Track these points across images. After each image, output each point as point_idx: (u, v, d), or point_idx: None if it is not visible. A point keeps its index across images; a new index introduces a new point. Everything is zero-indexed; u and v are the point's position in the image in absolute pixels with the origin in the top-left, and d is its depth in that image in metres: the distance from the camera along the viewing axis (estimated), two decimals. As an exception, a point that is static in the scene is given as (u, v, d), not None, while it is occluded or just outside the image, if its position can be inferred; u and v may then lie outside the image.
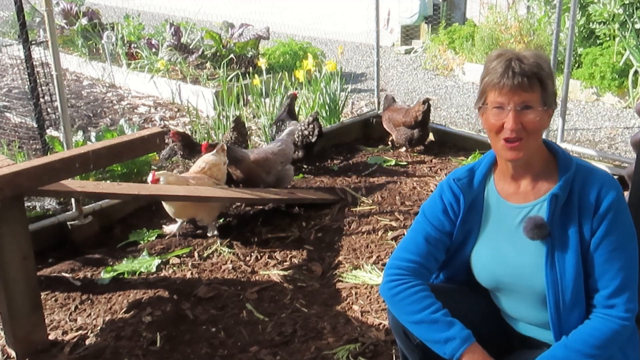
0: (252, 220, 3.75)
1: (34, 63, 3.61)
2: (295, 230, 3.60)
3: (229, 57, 6.68)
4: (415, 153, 4.78)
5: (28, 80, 3.63)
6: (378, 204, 3.84)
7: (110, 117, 5.94)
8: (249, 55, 6.85)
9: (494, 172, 1.84)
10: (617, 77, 5.78)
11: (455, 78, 7.20)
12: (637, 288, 1.67)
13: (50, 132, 4.22)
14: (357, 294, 2.96)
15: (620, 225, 1.65)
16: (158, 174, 3.27)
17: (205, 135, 4.94)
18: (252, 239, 3.53)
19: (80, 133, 4.47)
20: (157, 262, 3.24)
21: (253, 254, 3.37)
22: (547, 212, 1.69)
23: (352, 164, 4.56)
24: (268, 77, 5.90)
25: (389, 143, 4.94)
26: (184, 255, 3.35)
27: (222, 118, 4.99)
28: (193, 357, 2.57)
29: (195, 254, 3.36)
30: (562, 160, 1.73)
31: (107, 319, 2.80)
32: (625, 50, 5.79)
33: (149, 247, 3.44)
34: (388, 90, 5.29)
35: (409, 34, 8.72)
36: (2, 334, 2.66)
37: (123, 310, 2.86)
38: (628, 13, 5.83)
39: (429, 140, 4.93)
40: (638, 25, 5.81)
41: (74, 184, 2.99)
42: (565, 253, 1.67)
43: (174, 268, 3.22)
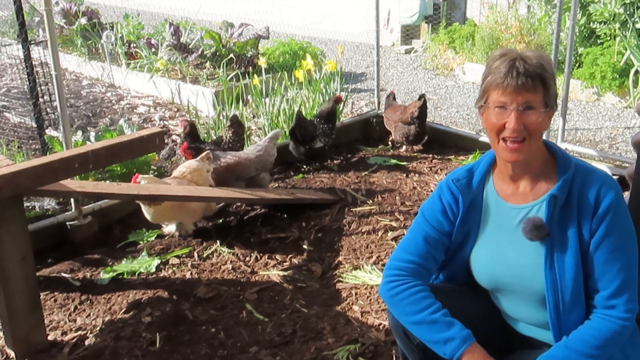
0: (251, 221, 3.75)
1: (33, 63, 3.61)
2: (295, 231, 3.59)
3: (229, 56, 6.67)
4: (416, 153, 4.78)
5: (27, 80, 3.63)
6: (378, 204, 3.83)
7: (110, 117, 5.94)
8: (249, 55, 6.84)
9: (493, 172, 1.84)
10: (617, 76, 5.77)
11: (456, 78, 7.20)
12: (637, 288, 1.67)
13: (50, 132, 4.22)
14: (357, 295, 2.96)
15: (620, 226, 1.65)
16: (140, 177, 3.25)
17: (205, 135, 4.93)
18: (251, 239, 3.53)
19: (80, 133, 4.46)
20: (156, 262, 3.24)
21: (253, 254, 3.37)
22: (546, 212, 1.69)
23: (352, 164, 4.55)
24: (268, 76, 5.88)
25: (389, 143, 4.93)
26: (184, 256, 3.34)
27: (221, 118, 4.99)
28: (192, 357, 2.56)
29: (195, 254, 3.36)
30: (561, 161, 1.73)
31: (106, 320, 2.80)
32: (626, 50, 5.78)
33: (149, 247, 3.43)
34: (388, 90, 5.28)
35: (409, 34, 8.71)
36: (1, 335, 2.66)
37: (122, 311, 2.85)
38: (629, 12, 5.83)
39: (429, 140, 4.92)
40: (639, 25, 5.80)
41: (73, 184, 2.98)
42: (565, 254, 1.67)
43: (174, 268, 3.22)
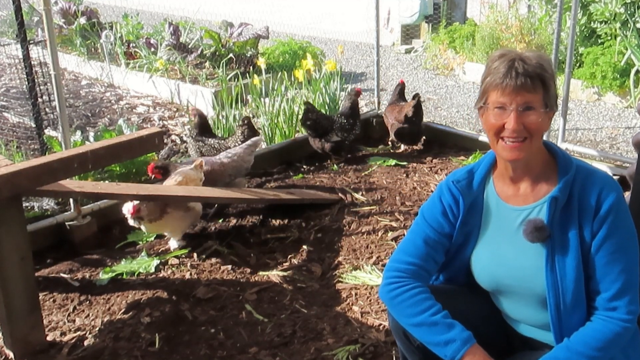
0: (251, 221, 3.74)
1: (32, 62, 3.60)
2: (295, 231, 3.58)
3: (228, 56, 6.67)
4: (416, 153, 4.77)
5: (26, 80, 3.62)
6: (378, 204, 3.83)
7: (109, 117, 5.93)
8: (249, 55, 6.84)
9: (493, 173, 1.84)
10: (618, 76, 5.77)
11: (456, 78, 7.19)
12: (638, 290, 1.66)
13: (49, 132, 4.21)
14: (357, 295, 2.95)
15: (621, 228, 1.65)
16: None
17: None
18: (251, 240, 3.52)
19: (79, 133, 4.45)
20: (155, 262, 3.23)
21: (252, 255, 3.36)
22: (546, 214, 1.68)
23: (352, 164, 4.54)
24: (267, 76, 5.88)
25: (389, 143, 4.93)
26: (183, 256, 3.33)
27: (221, 118, 4.98)
28: (192, 358, 2.56)
29: (194, 255, 3.35)
30: (561, 162, 1.72)
31: (105, 320, 2.79)
32: (627, 50, 5.78)
33: (148, 247, 3.43)
34: (389, 90, 5.28)
35: (409, 33, 8.71)
36: (0, 335, 2.64)
37: (122, 311, 2.84)
38: (629, 12, 5.82)
39: (429, 140, 4.92)
40: (639, 25, 5.80)
41: (73, 184, 2.98)
42: (566, 255, 1.67)
43: (173, 269, 3.21)
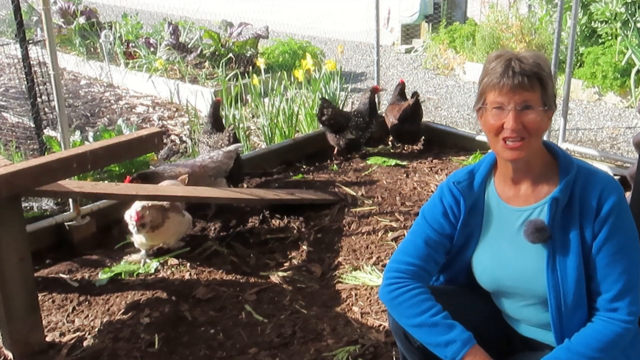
0: (251, 221, 3.73)
1: (31, 62, 3.59)
2: (295, 231, 3.58)
3: (228, 56, 6.66)
4: (416, 153, 4.76)
5: (25, 80, 3.61)
6: (378, 205, 3.82)
7: (108, 116, 5.92)
8: (248, 55, 6.83)
9: (494, 174, 1.83)
10: (619, 76, 5.76)
11: (456, 77, 7.18)
12: (639, 290, 1.66)
13: (48, 132, 4.20)
14: (357, 295, 2.94)
15: (622, 228, 1.65)
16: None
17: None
18: (250, 240, 3.51)
19: (78, 133, 4.44)
20: (155, 263, 3.22)
21: (252, 255, 3.35)
22: (547, 215, 1.68)
23: (352, 164, 4.54)
24: (267, 76, 5.88)
25: (389, 143, 4.92)
26: (182, 256, 3.32)
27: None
28: (191, 358, 2.55)
29: (194, 255, 3.34)
30: (562, 163, 1.72)
31: (104, 321, 2.78)
32: (627, 50, 5.77)
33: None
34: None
35: (410, 33, 8.70)
36: (-1, 336, 2.64)
37: (121, 312, 2.83)
38: (630, 12, 5.81)
39: (429, 140, 4.91)
40: (640, 24, 5.80)
41: (72, 185, 2.97)
42: (567, 256, 1.66)
43: (172, 269, 3.20)
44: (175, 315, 2.80)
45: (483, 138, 4.68)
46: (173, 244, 3.34)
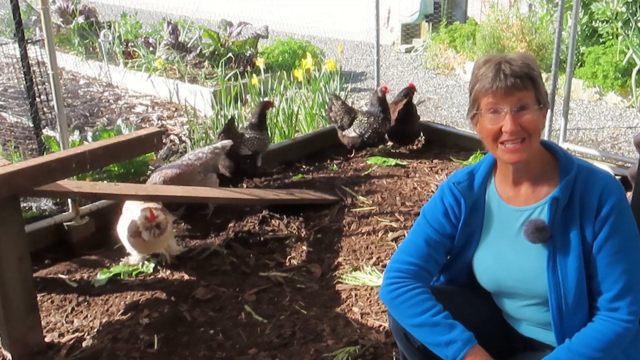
0: (250, 221, 3.72)
1: (30, 62, 3.57)
2: (294, 231, 3.57)
3: (227, 56, 6.65)
4: (416, 153, 4.75)
5: (24, 80, 3.59)
6: (378, 205, 3.81)
7: (107, 116, 5.91)
8: (248, 54, 6.82)
9: (494, 174, 1.83)
10: (620, 76, 5.75)
11: (456, 77, 7.18)
12: (640, 290, 1.65)
13: (47, 131, 4.19)
14: (357, 296, 2.93)
15: (623, 228, 1.64)
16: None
17: (204, 135, 4.91)
18: (250, 240, 3.50)
19: (77, 133, 4.43)
20: (154, 263, 3.21)
21: (252, 255, 3.34)
22: (548, 215, 1.68)
23: (352, 164, 4.53)
24: (267, 76, 5.87)
25: (389, 143, 4.91)
26: (182, 257, 3.31)
27: (220, 117, 4.97)
28: (191, 359, 2.54)
29: (193, 255, 3.33)
30: (563, 162, 1.72)
31: (103, 321, 2.77)
32: (628, 49, 5.76)
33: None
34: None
35: (410, 33, 8.69)
36: (-3, 337, 2.63)
37: (120, 312, 2.83)
38: (631, 11, 5.80)
39: (429, 140, 4.90)
40: (640, 24, 5.79)
41: (71, 185, 2.96)
42: (567, 256, 1.66)
43: (172, 269, 3.19)
44: (175, 316, 2.79)
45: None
46: (174, 248, 3.25)
